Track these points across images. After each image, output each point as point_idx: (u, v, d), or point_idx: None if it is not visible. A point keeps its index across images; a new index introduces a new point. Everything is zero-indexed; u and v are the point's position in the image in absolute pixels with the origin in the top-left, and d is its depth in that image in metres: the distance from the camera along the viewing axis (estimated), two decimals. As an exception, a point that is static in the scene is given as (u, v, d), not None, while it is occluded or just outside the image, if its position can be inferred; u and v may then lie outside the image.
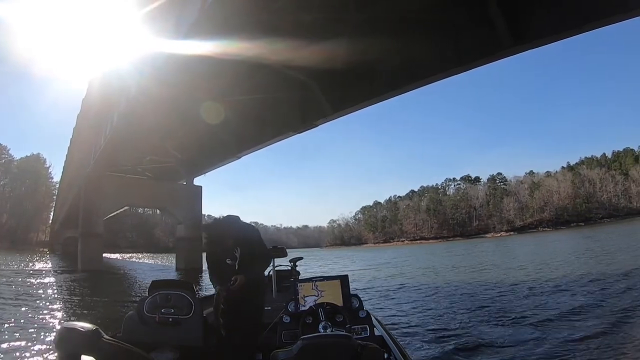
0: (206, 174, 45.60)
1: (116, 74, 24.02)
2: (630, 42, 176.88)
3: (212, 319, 4.52)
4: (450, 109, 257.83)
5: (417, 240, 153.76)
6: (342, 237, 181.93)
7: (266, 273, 8.71)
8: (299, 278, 6.66)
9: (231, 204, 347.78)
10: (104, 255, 47.19)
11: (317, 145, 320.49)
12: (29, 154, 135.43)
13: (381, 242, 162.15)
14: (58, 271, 38.39)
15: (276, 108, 26.66)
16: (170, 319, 4.00)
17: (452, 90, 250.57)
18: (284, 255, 8.35)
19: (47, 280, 28.47)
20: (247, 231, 5.02)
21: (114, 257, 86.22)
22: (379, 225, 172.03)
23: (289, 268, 8.86)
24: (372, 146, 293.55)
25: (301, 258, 9.23)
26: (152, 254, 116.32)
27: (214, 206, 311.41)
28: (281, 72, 21.56)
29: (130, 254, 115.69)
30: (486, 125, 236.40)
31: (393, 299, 17.20)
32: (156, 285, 4.27)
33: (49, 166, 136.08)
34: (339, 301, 4.79)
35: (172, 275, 36.70)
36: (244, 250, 4.82)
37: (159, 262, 67.28)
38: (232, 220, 4.95)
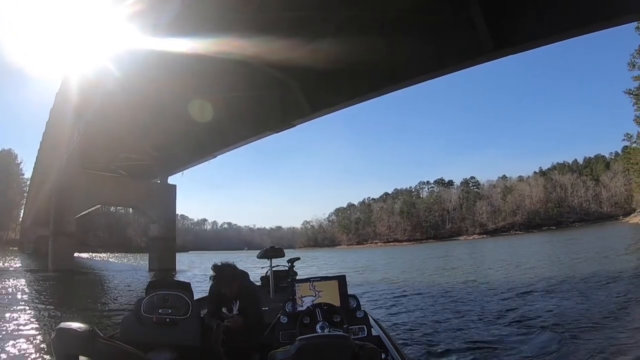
0: (182, 172, 44.96)
1: (92, 69, 23.55)
2: (609, 48, 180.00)
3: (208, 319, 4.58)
4: (425, 112, 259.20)
5: (390, 242, 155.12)
6: (316, 238, 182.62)
7: (264, 273, 8.72)
8: (297, 278, 6.83)
9: (205, 202, 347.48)
10: (75, 254, 46.42)
11: (292, 145, 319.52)
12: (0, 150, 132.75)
13: (354, 244, 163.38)
14: (28, 271, 37.60)
15: (254, 107, 26.41)
16: (168, 319, 3.91)
17: (428, 93, 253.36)
18: (282, 255, 8.41)
19: (15, 280, 27.71)
20: (251, 288, 5.39)
21: (85, 257, 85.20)
22: (353, 227, 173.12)
23: (287, 268, 8.82)
24: (347, 147, 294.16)
25: (298, 258, 9.21)
26: (124, 254, 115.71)
27: (187, 206, 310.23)
28: (261, 71, 21.37)
29: (102, 254, 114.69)
30: (460, 130, 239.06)
31: (382, 301, 17.12)
32: (154, 285, 4.22)
33: (20, 162, 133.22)
34: (336, 301, 4.75)
35: (146, 275, 36.17)
36: (243, 303, 5.07)
37: (132, 262, 66.62)
38: (242, 272, 5.31)
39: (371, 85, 21.25)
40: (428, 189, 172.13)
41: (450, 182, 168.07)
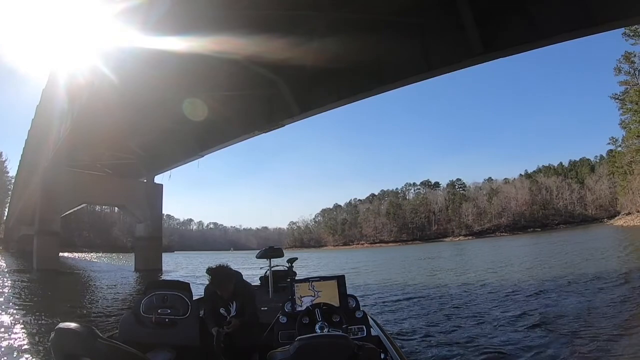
0: (169, 174, 44.49)
1: (79, 66, 23.28)
2: (596, 57, 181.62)
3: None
4: (413, 114, 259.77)
5: (376, 243, 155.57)
6: (302, 239, 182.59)
7: (263, 273, 8.76)
8: (296, 278, 6.72)
9: (191, 202, 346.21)
10: (60, 254, 45.88)
11: (279, 145, 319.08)
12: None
13: (341, 245, 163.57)
14: (12, 271, 36.99)
15: (244, 106, 26.19)
16: (167, 320, 4.01)
17: (414, 95, 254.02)
18: (281, 255, 8.48)
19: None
20: (247, 287, 5.35)
21: (70, 257, 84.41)
22: (339, 228, 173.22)
23: (286, 268, 8.86)
24: (334, 148, 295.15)
25: (296, 258, 9.25)
26: (109, 254, 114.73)
27: (173, 205, 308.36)
28: (250, 70, 21.17)
29: (87, 253, 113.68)
30: (446, 133, 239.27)
31: (374, 300, 17.32)
32: (152, 285, 4.25)
33: (5, 160, 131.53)
34: (335, 301, 4.78)
35: (132, 276, 35.89)
36: (240, 303, 5.04)
37: (117, 263, 65.97)
38: (236, 273, 5.26)
39: (360, 86, 21.18)
40: (414, 190, 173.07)
41: (437, 184, 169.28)
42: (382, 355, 4.14)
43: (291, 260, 8.92)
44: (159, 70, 19.91)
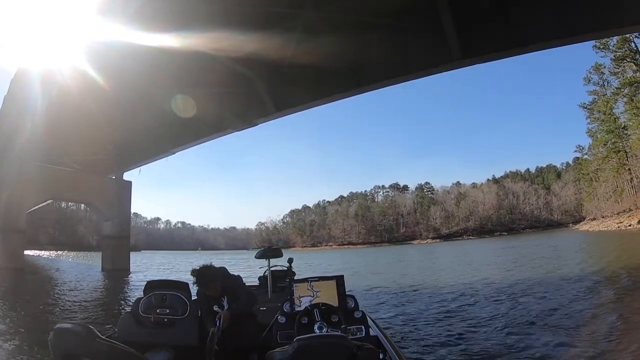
0: (139, 170, 43.76)
1: (50, 56, 22.70)
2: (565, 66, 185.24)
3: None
4: (383, 116, 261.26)
5: (345, 245, 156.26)
6: (270, 239, 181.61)
7: (262, 273, 8.67)
8: (294, 278, 6.88)
9: (158, 200, 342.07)
10: (25, 252, 44.83)
11: (248, 144, 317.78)
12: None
13: (309, 246, 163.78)
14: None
15: (218, 104, 25.76)
16: (166, 319, 3.99)
17: (384, 97, 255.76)
18: (280, 255, 8.51)
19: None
20: (232, 279, 5.35)
21: (35, 255, 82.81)
22: (307, 229, 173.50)
23: (285, 268, 8.86)
24: (303, 149, 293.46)
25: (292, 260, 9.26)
26: (75, 252, 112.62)
27: (140, 203, 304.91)
28: (226, 67, 20.92)
29: (52, 252, 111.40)
30: (416, 136, 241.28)
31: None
32: (152, 285, 4.29)
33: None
34: (334, 301, 4.80)
35: (100, 275, 35.33)
36: (230, 298, 4.98)
37: (84, 262, 64.77)
38: (221, 269, 5.31)
39: (337, 86, 21.22)
40: (383, 193, 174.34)
41: (405, 187, 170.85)
42: (381, 356, 4.15)
43: (290, 261, 8.90)
44: (141, 65, 19.66)
